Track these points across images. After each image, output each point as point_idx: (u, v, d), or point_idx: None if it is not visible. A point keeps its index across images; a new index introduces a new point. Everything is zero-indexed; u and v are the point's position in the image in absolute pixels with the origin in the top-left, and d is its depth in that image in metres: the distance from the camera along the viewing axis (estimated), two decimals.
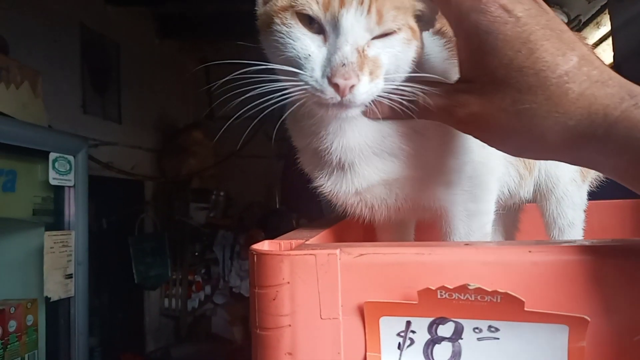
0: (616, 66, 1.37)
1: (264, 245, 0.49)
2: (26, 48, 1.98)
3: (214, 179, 3.44)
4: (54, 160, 1.52)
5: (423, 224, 0.79)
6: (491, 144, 0.50)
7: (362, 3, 0.50)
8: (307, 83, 0.50)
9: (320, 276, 0.42)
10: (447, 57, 0.62)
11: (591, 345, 0.39)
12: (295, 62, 0.51)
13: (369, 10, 0.50)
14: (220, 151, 3.36)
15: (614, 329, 0.40)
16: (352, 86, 0.49)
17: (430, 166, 0.61)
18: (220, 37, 3.24)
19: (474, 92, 0.47)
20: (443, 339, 0.41)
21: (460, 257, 0.41)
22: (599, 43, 1.98)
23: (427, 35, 0.60)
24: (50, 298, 1.48)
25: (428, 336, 0.41)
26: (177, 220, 3.15)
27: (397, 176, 0.60)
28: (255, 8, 0.58)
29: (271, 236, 0.61)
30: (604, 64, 0.44)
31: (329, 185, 0.62)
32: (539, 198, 0.78)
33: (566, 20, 2.10)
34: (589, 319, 0.38)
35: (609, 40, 1.55)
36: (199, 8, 2.98)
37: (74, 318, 1.57)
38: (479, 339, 0.40)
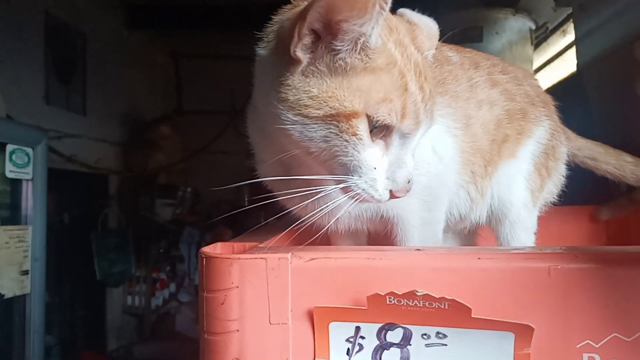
0: (578, 75, 1.40)
1: (216, 248, 0.48)
2: None
3: (182, 175, 3.39)
4: (11, 153, 1.47)
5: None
6: None
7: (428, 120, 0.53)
8: (364, 190, 0.50)
9: (270, 281, 0.41)
10: None
11: (537, 352, 0.40)
12: (352, 167, 0.50)
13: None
14: (188, 146, 3.31)
15: (559, 335, 0.40)
16: None
17: None
18: (190, 29, 3.20)
19: None
20: (392, 344, 0.41)
21: (410, 263, 0.41)
22: (564, 51, 2.02)
23: None
24: (4, 295, 1.43)
25: (377, 342, 0.41)
26: (142, 216, 3.09)
27: None
28: (284, 76, 0.51)
29: (239, 234, 0.61)
30: None
31: (295, 201, 0.62)
32: (494, 223, 0.81)
33: (533, 28, 2.13)
34: (533, 326, 0.38)
35: (574, 48, 1.58)
36: None
37: (29, 316, 1.52)
38: (427, 345, 0.40)
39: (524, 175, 0.77)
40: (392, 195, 0.51)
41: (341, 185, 0.51)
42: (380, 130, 0.50)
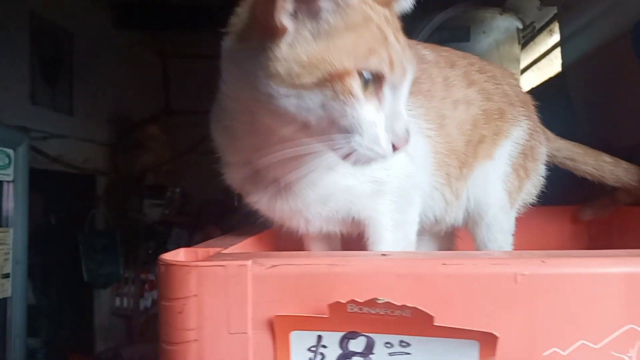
0: (563, 75, 1.40)
1: (178, 254, 0.47)
2: None
3: (170, 175, 3.36)
4: None
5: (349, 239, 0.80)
6: None
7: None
8: (368, 148, 0.50)
9: (230, 289, 0.40)
10: None
11: None
12: (352, 128, 0.50)
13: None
14: (176, 147, 3.28)
15: (526, 343, 0.39)
16: None
17: (364, 175, 0.62)
18: (178, 29, 3.17)
19: None
20: (354, 354, 0.40)
21: (374, 269, 0.40)
22: (551, 50, 2.02)
23: None
24: None
25: (339, 351, 0.40)
26: (130, 217, 3.06)
27: (333, 190, 0.61)
28: (270, 50, 0.50)
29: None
30: None
31: (264, 202, 0.61)
32: (471, 224, 0.80)
33: (521, 27, 2.13)
34: (498, 335, 0.37)
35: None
36: None
37: (10, 319, 1.49)
38: (390, 354, 0.39)
39: (500, 176, 0.76)
40: (395, 148, 0.51)
41: (343, 152, 0.50)
42: (371, 86, 0.51)
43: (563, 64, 1.39)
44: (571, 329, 0.38)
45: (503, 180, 0.76)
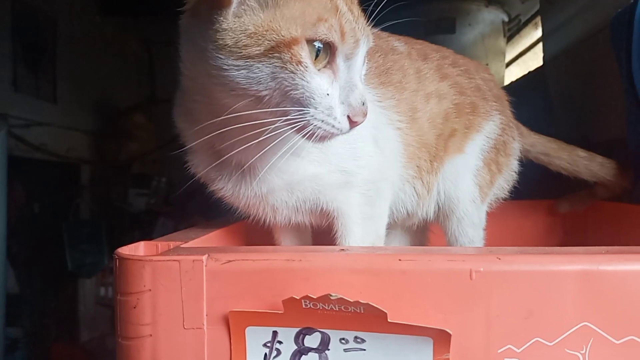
0: (544, 68, 1.40)
1: (137, 248, 0.46)
2: None
3: (156, 165, 3.34)
4: None
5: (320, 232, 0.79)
6: None
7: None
8: (323, 121, 0.49)
9: (184, 284, 0.39)
10: None
11: (457, 357, 0.39)
12: (305, 100, 0.49)
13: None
14: (162, 135, 3.26)
15: (481, 340, 0.39)
16: None
17: (331, 164, 0.61)
18: (164, 17, 3.13)
19: None
20: (310, 349, 0.40)
21: (330, 265, 0.40)
22: (536, 43, 2.03)
23: None
24: None
25: (295, 347, 0.40)
26: (115, 207, 3.04)
27: (299, 177, 0.60)
28: (218, 22, 0.50)
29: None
30: None
31: (229, 188, 0.61)
32: (442, 218, 0.79)
33: (507, 20, 2.13)
34: (450, 332, 0.37)
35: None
36: None
37: None
38: (345, 350, 0.39)
39: (471, 170, 0.76)
40: (352, 123, 0.50)
41: (298, 127, 0.50)
42: (323, 56, 0.50)
43: (544, 58, 1.39)
44: (526, 326, 0.39)
45: (474, 174, 0.76)
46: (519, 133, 0.87)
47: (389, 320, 0.37)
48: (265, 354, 0.40)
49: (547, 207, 1.02)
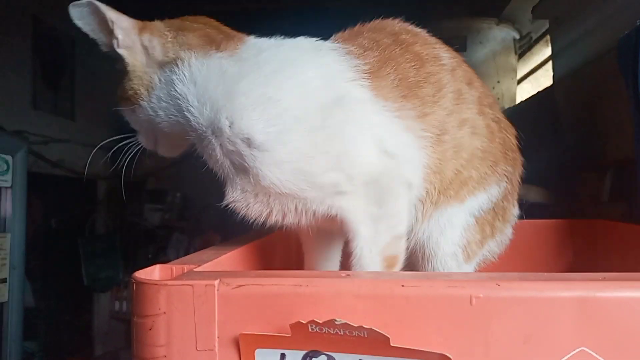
0: (553, 88, 1.41)
1: (153, 272, 0.48)
2: None
3: (171, 180, 3.39)
4: None
5: None
6: None
7: None
8: None
9: (197, 307, 0.41)
10: None
11: None
12: None
13: None
14: None
15: None
16: None
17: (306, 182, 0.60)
18: None
19: None
20: None
21: (335, 290, 0.42)
22: (547, 60, 2.04)
23: None
24: None
25: None
26: (130, 222, 3.08)
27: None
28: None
29: (228, 240, 0.62)
30: None
31: (237, 197, 0.62)
32: (417, 258, 0.71)
33: (517, 37, 2.15)
34: (451, 357, 0.38)
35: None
36: (159, 5, 2.93)
37: (6, 324, 1.52)
38: None
39: (463, 224, 0.69)
40: None
41: None
42: None
43: (554, 77, 1.40)
44: (525, 350, 0.40)
45: (464, 229, 0.69)
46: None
47: (391, 344, 0.39)
48: None
49: (556, 227, 1.03)
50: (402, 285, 0.41)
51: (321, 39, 0.67)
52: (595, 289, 0.40)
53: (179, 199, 3.34)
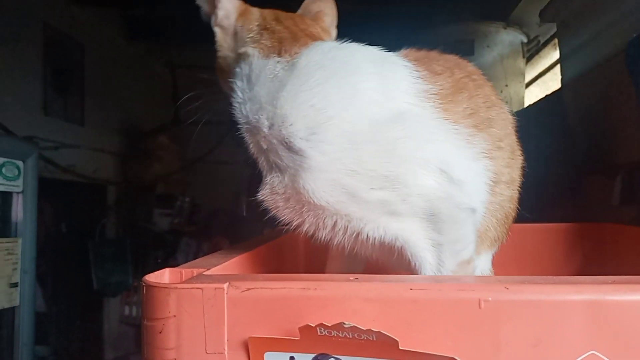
0: (562, 91, 1.40)
1: (163, 275, 0.49)
2: None
3: (180, 185, 3.41)
4: (1, 166, 1.48)
5: None
6: None
7: None
8: None
9: (207, 310, 0.42)
10: None
11: None
12: None
13: None
14: (186, 156, 3.33)
15: None
16: None
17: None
18: (187, 41, 3.22)
19: None
20: None
21: (344, 293, 0.42)
22: (556, 64, 2.03)
23: None
24: None
25: None
26: (139, 226, 3.10)
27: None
28: None
29: (235, 244, 0.62)
30: None
31: (267, 194, 0.61)
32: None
33: (525, 41, 2.14)
34: (459, 359, 0.38)
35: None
36: (167, 11, 2.96)
37: (18, 328, 1.53)
38: None
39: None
40: None
41: None
42: None
43: (562, 81, 1.40)
44: (534, 354, 0.40)
45: None
46: None
47: (400, 347, 0.39)
48: None
49: (566, 230, 1.02)
50: (411, 289, 0.41)
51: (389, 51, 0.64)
52: (604, 292, 0.40)
53: (188, 203, 3.36)
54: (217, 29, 0.65)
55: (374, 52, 0.62)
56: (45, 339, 2.34)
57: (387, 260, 0.64)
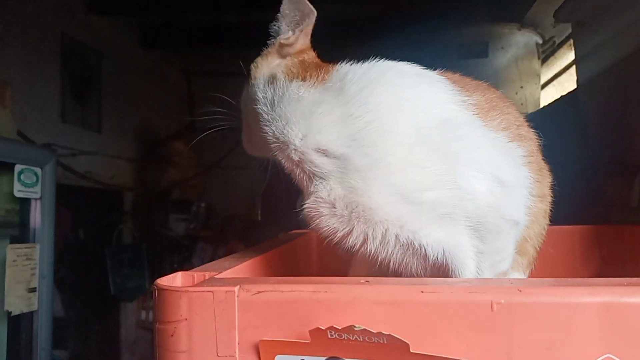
0: (577, 91, 1.39)
1: (175, 278, 0.49)
2: (1, 57, 1.98)
3: (195, 190, 3.44)
4: (20, 172, 1.51)
5: None
6: None
7: None
8: None
9: (218, 313, 0.42)
10: None
11: None
12: None
13: None
14: (201, 162, 3.36)
15: None
16: None
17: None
18: (202, 48, 3.25)
19: None
20: None
21: (354, 296, 0.41)
22: (572, 64, 2.01)
23: None
24: (11, 312, 1.46)
25: None
26: (156, 231, 3.13)
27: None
28: None
29: None
30: None
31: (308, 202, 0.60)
32: None
33: (540, 42, 2.12)
34: None
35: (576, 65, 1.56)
36: (182, 18, 3.00)
37: (36, 332, 1.55)
38: None
39: None
40: None
41: None
42: None
43: (578, 81, 1.38)
44: (548, 357, 0.39)
45: None
46: None
47: (411, 350, 0.38)
48: None
49: (583, 232, 1.00)
50: (422, 292, 0.40)
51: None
52: (619, 295, 0.39)
53: (204, 209, 3.38)
54: (273, 49, 0.64)
55: (407, 67, 0.62)
56: (63, 343, 2.38)
57: (421, 274, 0.62)
